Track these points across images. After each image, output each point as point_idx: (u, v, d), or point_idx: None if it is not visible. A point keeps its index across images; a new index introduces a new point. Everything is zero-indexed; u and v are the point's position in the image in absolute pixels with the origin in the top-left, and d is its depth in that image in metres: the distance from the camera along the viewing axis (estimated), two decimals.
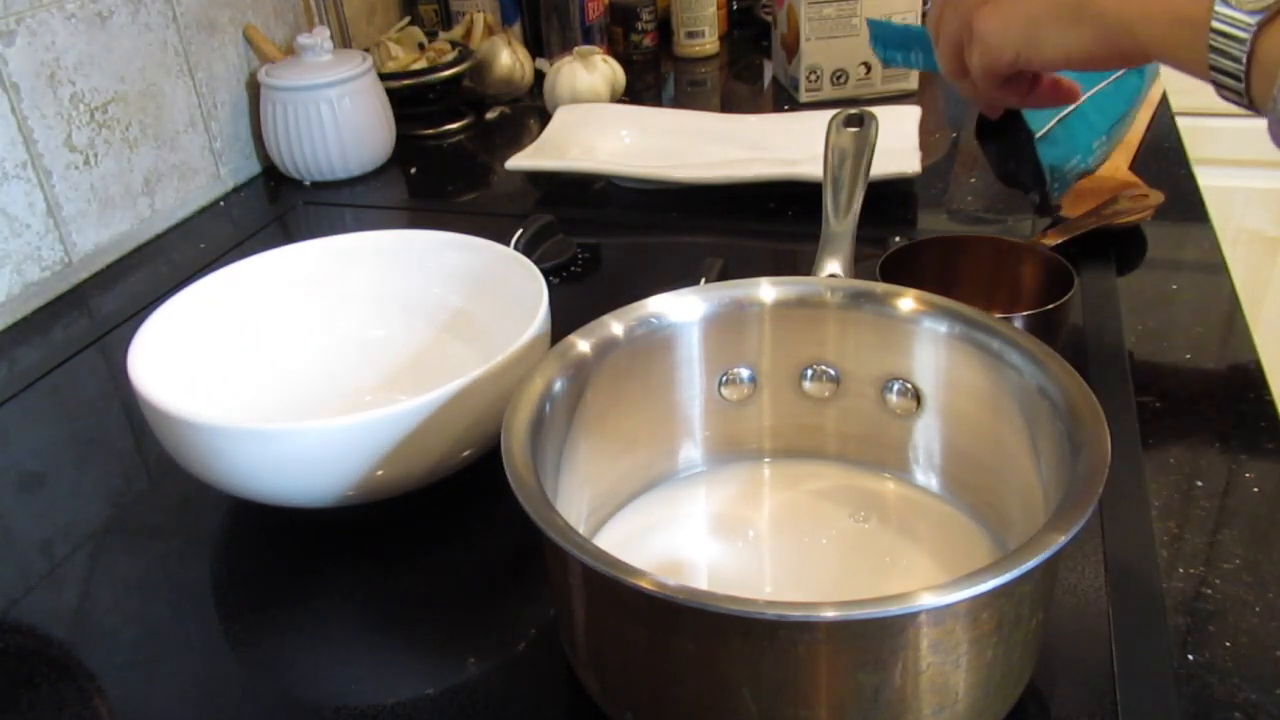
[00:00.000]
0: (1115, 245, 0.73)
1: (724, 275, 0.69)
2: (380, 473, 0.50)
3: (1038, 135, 0.81)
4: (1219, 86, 0.46)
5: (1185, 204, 0.80)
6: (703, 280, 0.57)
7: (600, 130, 0.98)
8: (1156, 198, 0.74)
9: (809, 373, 0.51)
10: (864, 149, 0.66)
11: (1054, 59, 0.52)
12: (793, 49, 1.06)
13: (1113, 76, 0.83)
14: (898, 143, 0.86)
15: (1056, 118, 0.82)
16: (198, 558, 0.54)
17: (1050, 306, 0.58)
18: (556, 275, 0.77)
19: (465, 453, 0.52)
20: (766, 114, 1.00)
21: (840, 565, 0.48)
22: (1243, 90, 0.45)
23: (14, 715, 0.46)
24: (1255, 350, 0.62)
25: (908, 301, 0.48)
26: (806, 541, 0.49)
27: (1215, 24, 0.45)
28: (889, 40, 0.66)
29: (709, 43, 1.25)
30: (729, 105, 1.13)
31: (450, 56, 1.11)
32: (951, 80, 0.59)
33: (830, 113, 0.70)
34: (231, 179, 0.98)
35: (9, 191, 0.77)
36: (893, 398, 0.50)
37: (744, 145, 0.94)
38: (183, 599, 0.52)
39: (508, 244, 0.68)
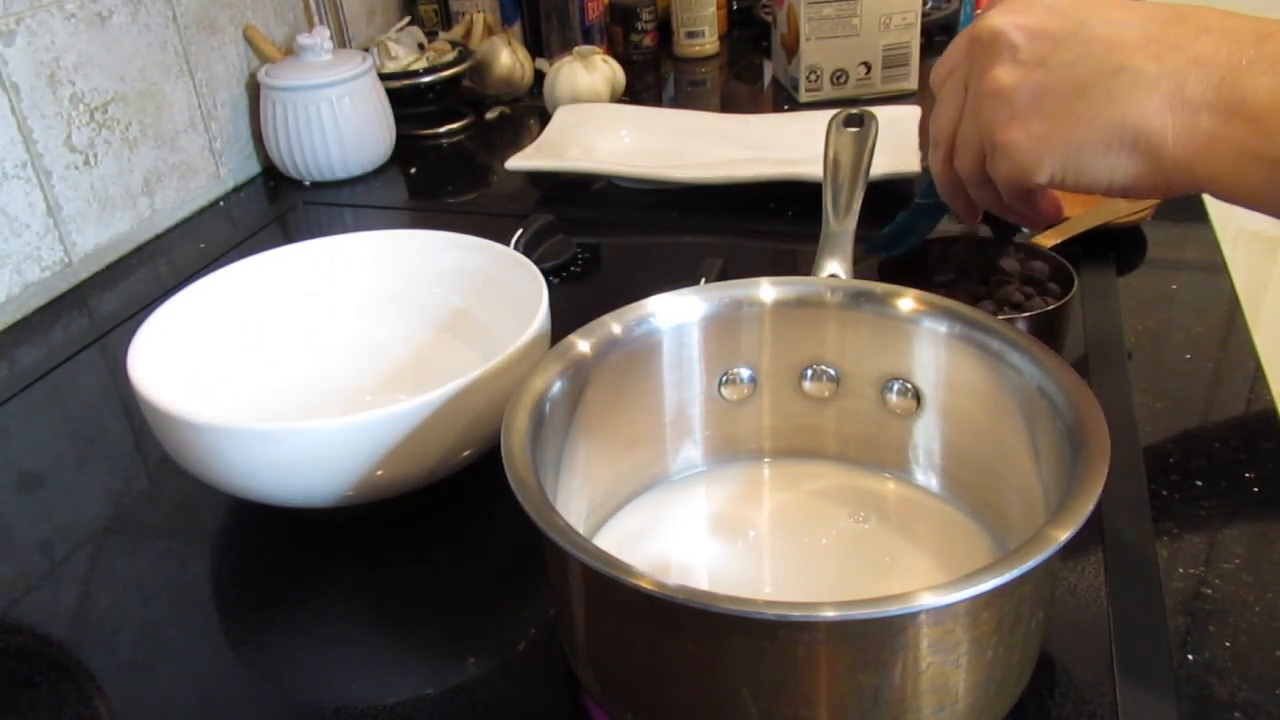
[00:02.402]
0: (1115, 245, 0.73)
1: (724, 275, 0.69)
2: (380, 473, 0.50)
3: None
4: None
5: (1185, 204, 0.79)
6: (703, 280, 0.57)
7: (600, 130, 0.98)
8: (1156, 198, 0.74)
9: (809, 373, 0.51)
10: (864, 149, 0.66)
11: (1093, 186, 0.47)
12: (793, 49, 1.06)
13: None
14: (898, 143, 0.86)
15: None
16: (198, 558, 0.54)
17: (1050, 306, 0.58)
18: (556, 275, 0.77)
19: (465, 453, 0.52)
20: (766, 114, 1.00)
21: (840, 565, 0.48)
22: None
23: (14, 715, 0.46)
24: (1255, 350, 0.62)
25: (908, 301, 0.48)
26: (806, 541, 0.49)
27: None
28: (888, 244, 0.65)
29: (709, 43, 1.25)
30: (729, 105, 1.13)
31: (450, 56, 1.11)
32: (968, 184, 0.54)
33: (830, 113, 0.70)
34: (231, 179, 0.98)
35: (9, 191, 0.77)
36: (893, 398, 0.50)
37: (744, 145, 0.93)
38: (183, 599, 0.52)
39: (508, 244, 0.68)
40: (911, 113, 0.92)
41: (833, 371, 0.51)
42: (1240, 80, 0.42)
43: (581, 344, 0.47)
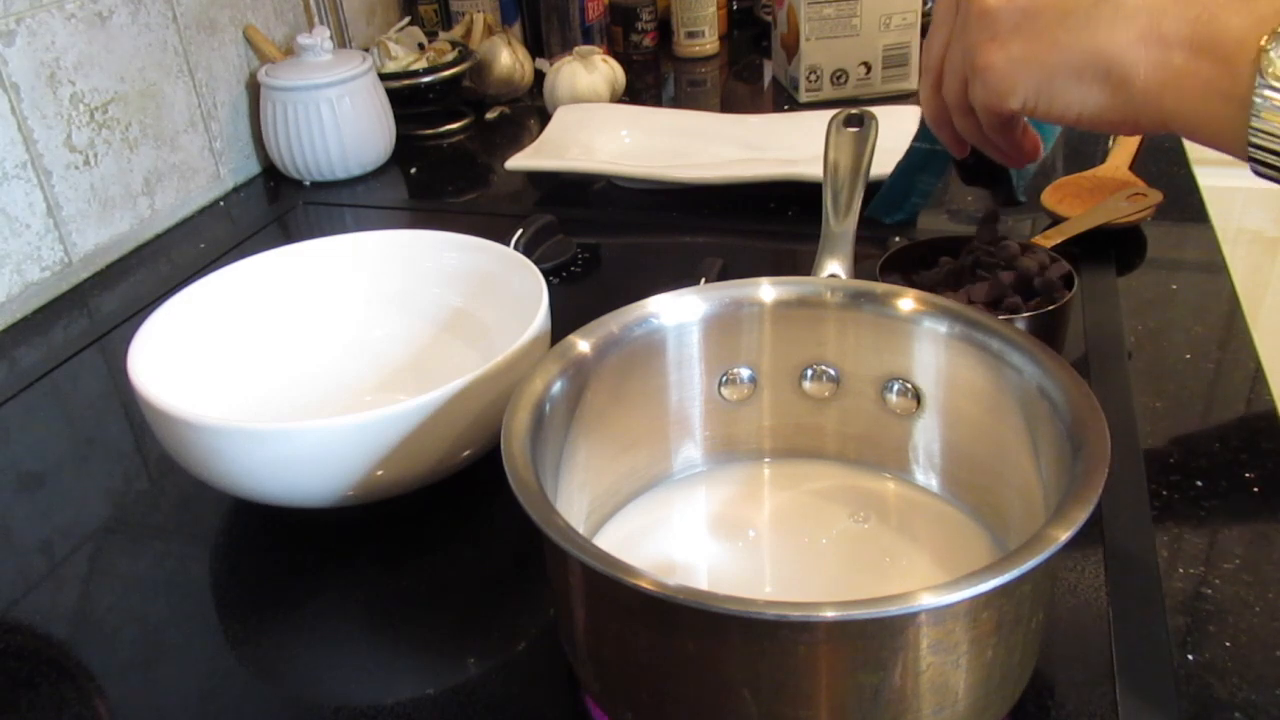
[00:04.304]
0: (1115, 245, 0.73)
1: (724, 275, 0.69)
2: (380, 473, 0.50)
3: None
4: (1256, 163, 0.43)
5: (1185, 204, 0.80)
6: (703, 280, 0.57)
7: (600, 130, 0.98)
8: (1156, 197, 0.74)
9: (809, 373, 0.51)
10: (864, 149, 0.66)
11: (1064, 115, 0.48)
12: (793, 49, 1.06)
13: None
14: (898, 143, 0.86)
15: None
16: (198, 558, 0.54)
17: (1050, 306, 0.58)
18: (556, 275, 0.77)
19: (465, 453, 0.52)
20: (766, 114, 1.00)
21: (840, 565, 0.48)
22: None
23: (14, 715, 0.46)
24: (1255, 350, 0.62)
25: (908, 301, 0.48)
26: (806, 541, 0.49)
27: (1258, 99, 0.41)
28: (889, 207, 0.64)
29: (709, 43, 1.25)
30: (729, 105, 1.13)
31: (450, 56, 1.11)
32: (953, 112, 0.54)
33: (830, 113, 0.70)
34: (231, 179, 0.98)
35: (9, 191, 0.77)
36: (893, 398, 0.50)
37: (744, 145, 0.93)
38: (183, 599, 0.52)
39: (508, 244, 0.68)
40: (911, 113, 0.91)
41: (833, 371, 0.51)
42: (1215, 18, 0.43)
43: (581, 344, 0.47)
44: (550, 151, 0.93)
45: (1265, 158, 0.43)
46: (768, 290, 0.50)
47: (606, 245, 0.81)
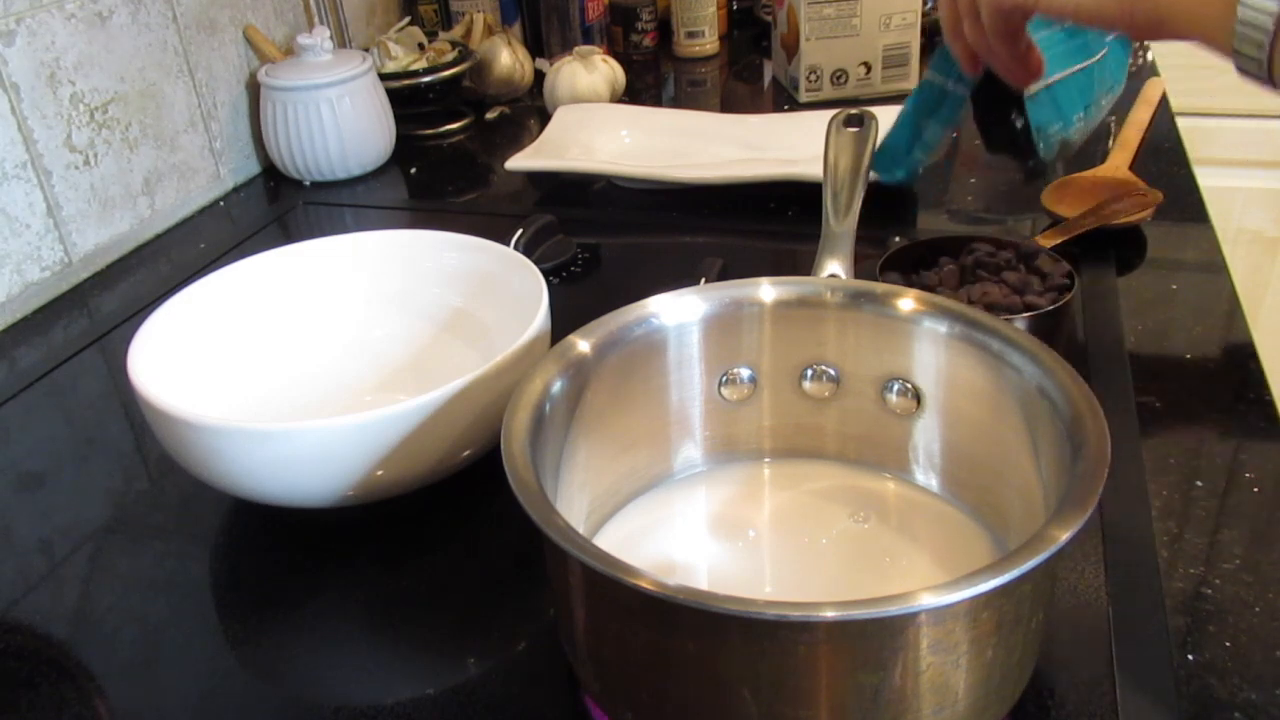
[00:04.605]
0: (1115, 245, 0.73)
1: (724, 275, 0.69)
2: (380, 473, 0.50)
3: (1027, 95, 0.82)
4: (1240, 58, 0.46)
5: (1185, 204, 0.80)
6: (703, 280, 0.57)
7: (600, 130, 0.98)
8: (1156, 197, 0.74)
9: (809, 373, 0.51)
10: (864, 149, 0.66)
11: (1064, 8, 0.51)
12: (793, 49, 1.06)
13: (1095, 56, 0.83)
14: None
15: (1043, 84, 0.82)
16: (198, 558, 0.54)
17: (1050, 306, 0.58)
18: (556, 275, 0.77)
19: (465, 453, 0.52)
20: (766, 114, 1.00)
21: (840, 565, 0.48)
22: (1265, 62, 0.45)
23: (14, 715, 0.46)
24: (1255, 350, 0.62)
25: (908, 301, 0.48)
26: (806, 541, 0.49)
27: None
28: (892, 160, 0.65)
29: (709, 43, 1.25)
30: (729, 105, 1.13)
31: (450, 56, 1.11)
32: (964, 18, 0.58)
33: (830, 113, 0.70)
34: (231, 179, 0.98)
35: (9, 191, 0.77)
36: (893, 398, 0.50)
37: (744, 145, 0.93)
38: (183, 599, 0.52)
39: (508, 244, 0.68)
40: None
41: (833, 371, 0.51)
42: None
43: (581, 344, 0.47)
44: (550, 151, 0.93)
45: (1248, 50, 0.45)
46: (768, 290, 0.50)
47: (606, 245, 0.81)
